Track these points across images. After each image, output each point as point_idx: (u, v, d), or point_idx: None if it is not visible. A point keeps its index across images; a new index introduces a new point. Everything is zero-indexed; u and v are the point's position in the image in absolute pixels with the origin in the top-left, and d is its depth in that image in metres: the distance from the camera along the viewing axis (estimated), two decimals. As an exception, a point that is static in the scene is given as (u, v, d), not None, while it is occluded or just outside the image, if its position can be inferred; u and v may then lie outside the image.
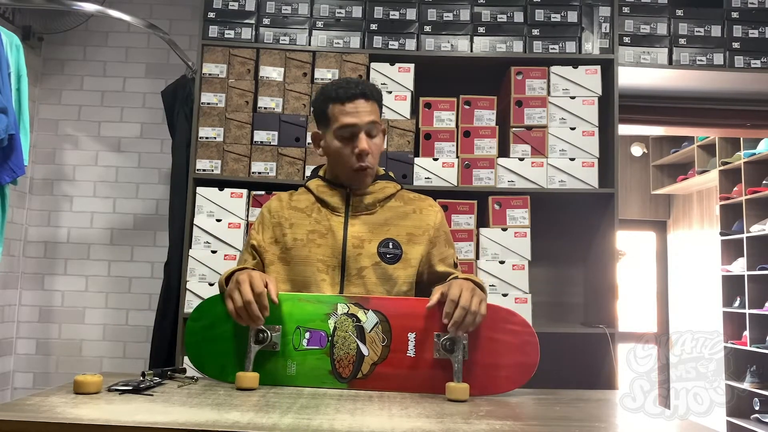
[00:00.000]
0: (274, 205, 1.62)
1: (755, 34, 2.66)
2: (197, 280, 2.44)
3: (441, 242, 1.60)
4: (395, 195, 1.62)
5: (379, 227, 1.56)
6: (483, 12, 2.64)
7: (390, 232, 1.56)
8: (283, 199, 1.63)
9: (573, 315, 2.85)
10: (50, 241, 3.06)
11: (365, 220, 1.56)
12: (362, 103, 1.53)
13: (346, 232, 1.54)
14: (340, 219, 1.56)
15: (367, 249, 1.52)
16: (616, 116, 2.57)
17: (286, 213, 1.59)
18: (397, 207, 1.60)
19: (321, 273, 1.51)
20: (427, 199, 1.66)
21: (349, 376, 1.35)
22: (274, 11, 2.64)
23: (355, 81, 1.58)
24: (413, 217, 1.59)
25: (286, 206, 1.61)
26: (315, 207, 1.59)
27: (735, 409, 4.75)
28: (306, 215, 1.57)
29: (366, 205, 1.57)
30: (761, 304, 4.63)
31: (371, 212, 1.57)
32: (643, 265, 6.04)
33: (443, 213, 1.66)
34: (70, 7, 2.55)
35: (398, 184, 1.65)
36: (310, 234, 1.54)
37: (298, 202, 1.61)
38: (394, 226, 1.57)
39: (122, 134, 3.11)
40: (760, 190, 4.65)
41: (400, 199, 1.62)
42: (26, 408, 1.05)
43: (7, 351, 2.95)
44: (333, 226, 1.54)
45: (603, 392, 1.55)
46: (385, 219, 1.57)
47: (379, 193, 1.59)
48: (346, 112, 1.52)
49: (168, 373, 1.36)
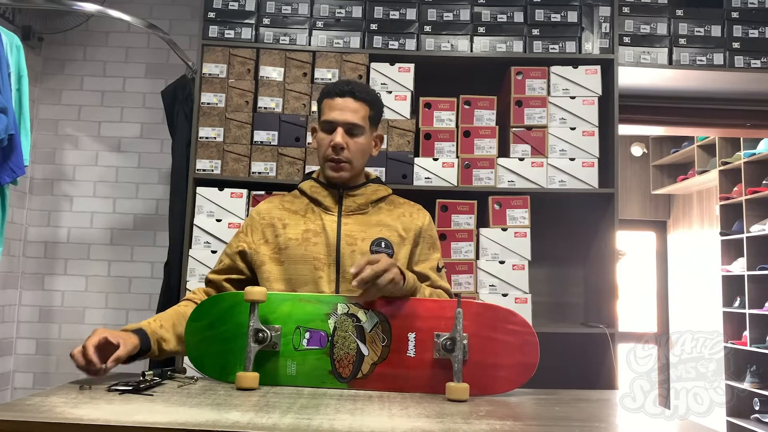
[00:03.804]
0: (263, 207, 1.65)
1: (755, 34, 2.66)
2: (197, 280, 2.44)
3: (425, 243, 1.63)
4: (386, 198, 1.66)
5: (372, 227, 1.58)
6: (483, 12, 2.64)
7: (382, 232, 1.58)
8: (273, 202, 1.66)
9: (573, 315, 2.85)
10: (50, 241, 3.06)
11: (357, 220, 1.59)
12: (350, 102, 1.57)
13: (340, 230, 1.56)
14: (333, 218, 1.58)
15: (360, 247, 1.55)
16: (616, 116, 2.57)
17: (278, 213, 1.61)
18: (388, 210, 1.64)
19: (318, 270, 1.53)
20: (417, 204, 1.70)
21: (349, 376, 1.35)
22: (274, 11, 2.64)
23: (352, 81, 1.63)
24: (403, 219, 1.62)
25: (278, 207, 1.63)
26: (309, 207, 1.61)
27: (735, 409, 4.75)
28: (300, 216, 1.60)
29: (358, 205, 1.61)
30: (761, 304, 4.63)
31: (363, 212, 1.61)
32: (643, 265, 6.04)
33: (431, 218, 1.69)
34: (70, 7, 2.55)
35: (389, 189, 1.68)
36: (305, 233, 1.56)
37: (291, 204, 1.64)
38: (386, 227, 1.59)
39: (122, 134, 3.12)
40: (760, 190, 4.65)
41: (390, 203, 1.66)
42: (26, 408, 1.05)
43: (7, 351, 2.95)
44: (326, 225, 1.57)
45: (603, 392, 1.55)
46: (377, 220, 1.60)
47: (371, 195, 1.63)
48: (332, 107, 1.58)
49: (168, 373, 1.36)
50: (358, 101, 1.57)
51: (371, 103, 1.61)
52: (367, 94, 1.60)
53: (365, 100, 1.59)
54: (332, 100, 1.58)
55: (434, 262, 1.63)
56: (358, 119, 1.57)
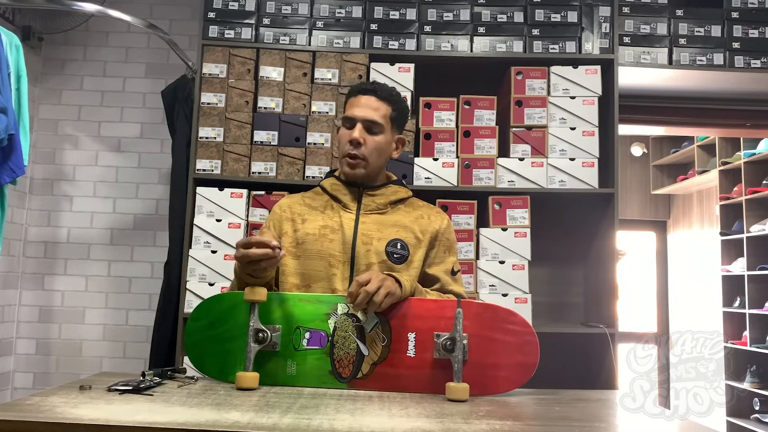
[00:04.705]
0: (285, 202, 1.67)
1: (755, 34, 2.66)
2: (197, 280, 2.44)
3: (441, 246, 1.63)
4: (406, 200, 1.67)
5: (389, 227, 1.59)
6: (483, 12, 2.64)
7: (399, 233, 1.58)
8: (295, 198, 1.69)
9: (573, 315, 2.85)
10: (50, 241, 3.06)
11: (375, 219, 1.60)
12: (372, 100, 1.61)
13: (357, 228, 1.57)
14: (351, 216, 1.60)
15: (376, 246, 1.55)
16: (616, 116, 2.57)
17: (298, 209, 1.64)
18: (406, 211, 1.65)
19: (332, 267, 1.54)
20: (436, 208, 1.72)
21: (349, 376, 1.35)
22: (274, 11, 2.64)
23: (378, 83, 1.70)
24: (420, 222, 1.63)
25: (299, 203, 1.66)
26: (329, 204, 1.63)
27: (735, 409, 4.75)
28: (319, 212, 1.62)
29: (377, 205, 1.62)
30: (761, 304, 4.63)
31: (382, 212, 1.62)
32: (643, 265, 6.04)
33: (450, 221, 1.70)
34: (70, 7, 2.55)
35: (410, 192, 1.70)
36: (322, 229, 1.58)
37: (312, 200, 1.66)
38: (403, 228, 1.60)
39: (122, 134, 3.12)
40: (760, 190, 4.65)
41: (410, 206, 1.67)
42: (26, 408, 1.05)
43: (7, 351, 2.95)
44: (344, 222, 1.58)
45: (603, 392, 1.55)
46: (395, 221, 1.61)
47: (391, 195, 1.64)
48: (353, 105, 1.62)
49: (168, 373, 1.36)
50: (380, 100, 1.61)
51: (393, 103, 1.64)
52: (389, 94, 1.64)
53: (387, 99, 1.62)
54: (355, 98, 1.62)
55: (449, 266, 1.63)
56: (378, 117, 1.60)
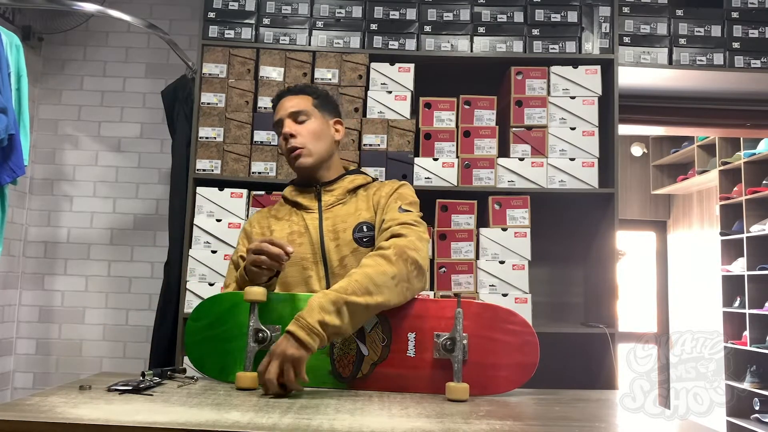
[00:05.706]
0: (254, 218, 1.70)
1: (755, 34, 2.66)
2: (197, 280, 2.44)
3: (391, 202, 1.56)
4: (366, 185, 1.66)
5: (352, 215, 1.59)
6: (483, 12, 2.64)
7: (362, 216, 1.58)
8: (262, 212, 1.71)
9: (573, 315, 2.85)
10: (50, 241, 3.06)
11: (337, 212, 1.60)
12: (288, 99, 1.66)
13: (321, 226, 1.58)
14: (314, 215, 1.60)
15: (343, 238, 1.56)
16: (616, 116, 2.57)
17: (266, 222, 1.66)
18: (365, 195, 1.64)
19: (307, 270, 1.55)
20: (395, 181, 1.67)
21: (349, 376, 1.35)
22: (274, 11, 2.64)
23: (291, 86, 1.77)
24: (374, 196, 1.61)
25: (266, 216, 1.68)
26: (292, 211, 1.65)
27: (735, 409, 4.75)
28: (285, 221, 1.63)
29: (336, 197, 1.62)
30: (761, 304, 4.63)
31: (342, 203, 1.62)
32: (643, 265, 6.04)
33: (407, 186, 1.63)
34: (70, 7, 2.55)
35: (370, 177, 1.69)
36: (289, 236, 1.59)
37: (277, 212, 1.68)
38: (366, 210, 1.60)
39: (122, 134, 3.12)
40: (760, 190, 4.65)
41: (369, 189, 1.65)
42: (26, 408, 1.05)
43: (7, 351, 2.95)
44: (309, 224, 1.59)
45: (603, 392, 1.55)
46: (356, 207, 1.61)
47: (348, 185, 1.64)
48: (277, 111, 1.67)
49: (168, 373, 1.36)
50: (296, 96, 1.67)
51: (311, 93, 1.68)
52: (303, 88, 1.70)
53: (303, 92, 1.68)
54: (276, 105, 1.68)
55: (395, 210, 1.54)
56: (301, 107, 1.64)
